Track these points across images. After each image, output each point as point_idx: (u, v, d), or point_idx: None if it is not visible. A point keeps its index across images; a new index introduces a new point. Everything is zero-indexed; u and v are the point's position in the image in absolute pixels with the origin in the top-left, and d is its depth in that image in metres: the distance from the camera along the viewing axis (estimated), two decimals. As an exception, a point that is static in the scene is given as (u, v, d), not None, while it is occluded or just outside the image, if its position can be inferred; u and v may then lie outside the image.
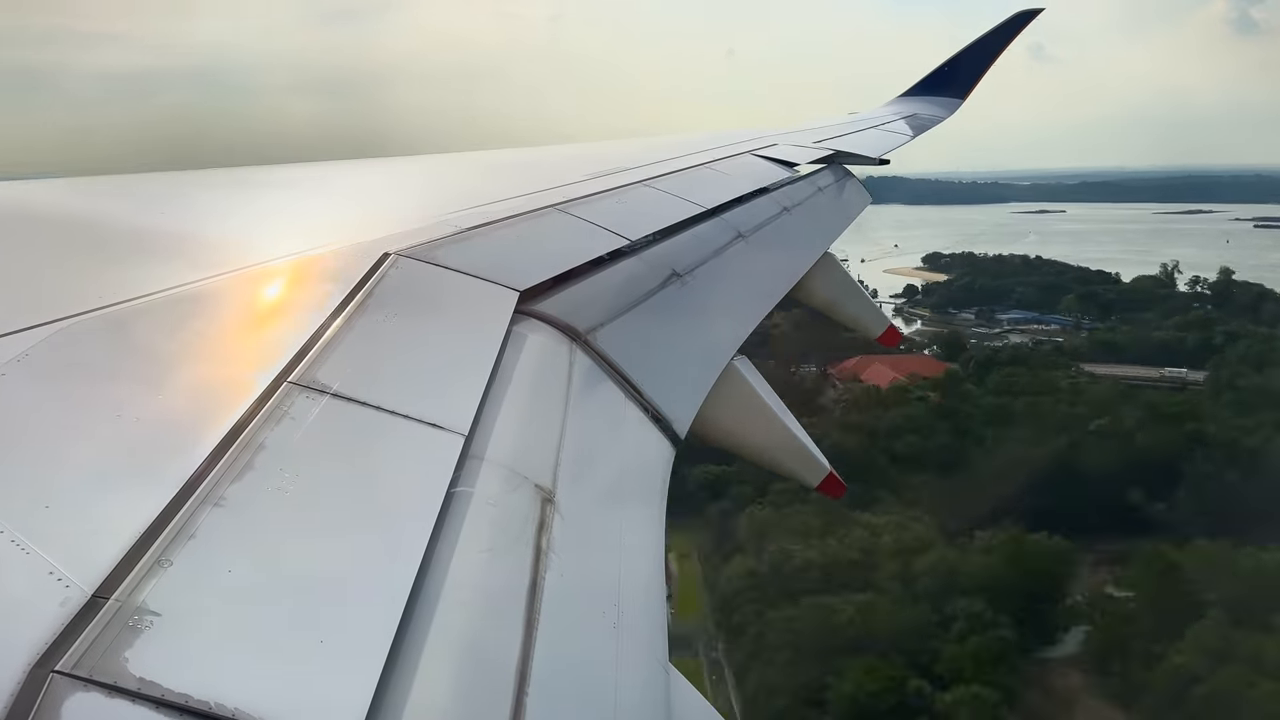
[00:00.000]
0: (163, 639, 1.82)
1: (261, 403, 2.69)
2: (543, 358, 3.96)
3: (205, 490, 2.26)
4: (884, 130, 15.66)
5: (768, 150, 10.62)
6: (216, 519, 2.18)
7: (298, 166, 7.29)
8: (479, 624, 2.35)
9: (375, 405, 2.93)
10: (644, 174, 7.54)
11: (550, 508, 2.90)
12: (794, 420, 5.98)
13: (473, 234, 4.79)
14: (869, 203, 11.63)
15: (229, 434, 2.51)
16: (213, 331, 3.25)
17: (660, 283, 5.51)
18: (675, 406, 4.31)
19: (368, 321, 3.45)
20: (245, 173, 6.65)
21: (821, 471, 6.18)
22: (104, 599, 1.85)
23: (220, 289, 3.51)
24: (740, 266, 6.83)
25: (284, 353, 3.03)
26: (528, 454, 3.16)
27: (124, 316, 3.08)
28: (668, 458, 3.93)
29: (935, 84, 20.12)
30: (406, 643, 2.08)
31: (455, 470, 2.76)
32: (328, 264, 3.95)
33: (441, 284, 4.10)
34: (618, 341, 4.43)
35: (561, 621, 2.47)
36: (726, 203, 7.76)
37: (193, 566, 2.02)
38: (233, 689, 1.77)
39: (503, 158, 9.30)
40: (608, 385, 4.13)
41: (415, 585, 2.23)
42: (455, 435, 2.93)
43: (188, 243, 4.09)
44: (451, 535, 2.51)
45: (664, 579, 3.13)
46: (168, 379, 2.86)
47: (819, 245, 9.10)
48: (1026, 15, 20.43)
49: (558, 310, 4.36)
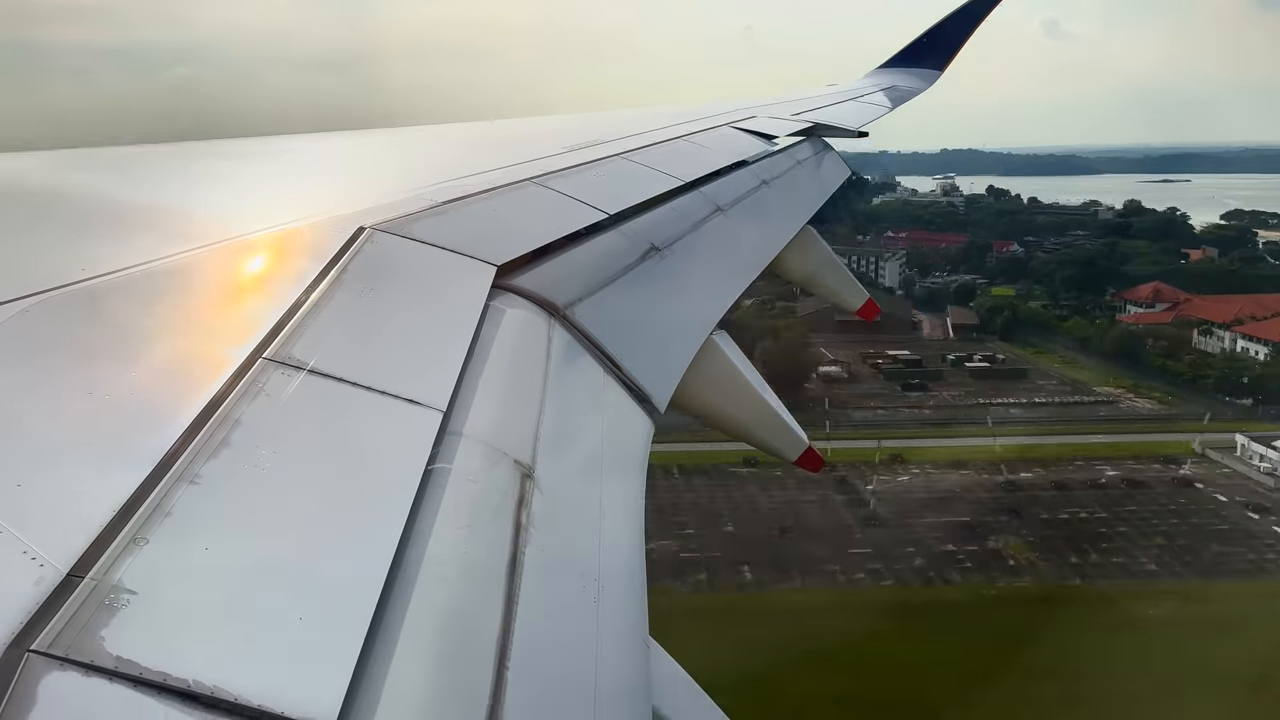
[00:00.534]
0: (139, 618, 1.80)
1: (237, 379, 2.67)
2: (521, 333, 3.94)
3: (181, 467, 2.24)
4: (863, 102, 15.67)
5: (746, 123, 10.60)
6: (192, 496, 2.16)
7: (273, 139, 7.21)
8: (459, 600, 2.34)
9: (352, 381, 2.91)
10: (622, 147, 7.51)
11: (530, 483, 2.90)
12: (773, 395, 6.01)
13: (449, 208, 4.76)
14: (847, 175, 11.64)
15: (204, 410, 2.49)
16: (187, 307, 3.22)
17: (639, 257, 5.50)
18: (654, 381, 4.32)
19: (343, 296, 3.43)
20: (221, 145, 6.58)
21: (800, 446, 6.22)
22: (79, 578, 1.83)
23: (194, 263, 3.47)
24: (719, 240, 6.83)
25: (259, 328, 3.00)
26: (506, 429, 3.15)
27: (98, 291, 3.04)
28: (647, 432, 3.93)
29: (914, 55, 20.14)
30: (386, 619, 2.07)
31: (433, 446, 2.75)
32: (303, 238, 3.92)
33: (418, 258, 4.08)
34: (596, 316, 4.42)
35: (541, 597, 2.47)
36: (705, 176, 7.75)
37: (169, 544, 2.00)
38: (211, 667, 1.76)
39: (479, 131, 9.24)
40: (586, 360, 4.12)
41: (394, 562, 2.22)
42: (433, 411, 2.92)
43: (163, 217, 4.05)
44: (430, 511, 2.50)
45: (644, 553, 3.14)
46: (142, 355, 2.83)
47: (798, 218, 9.11)
48: None
49: (536, 285, 4.35)
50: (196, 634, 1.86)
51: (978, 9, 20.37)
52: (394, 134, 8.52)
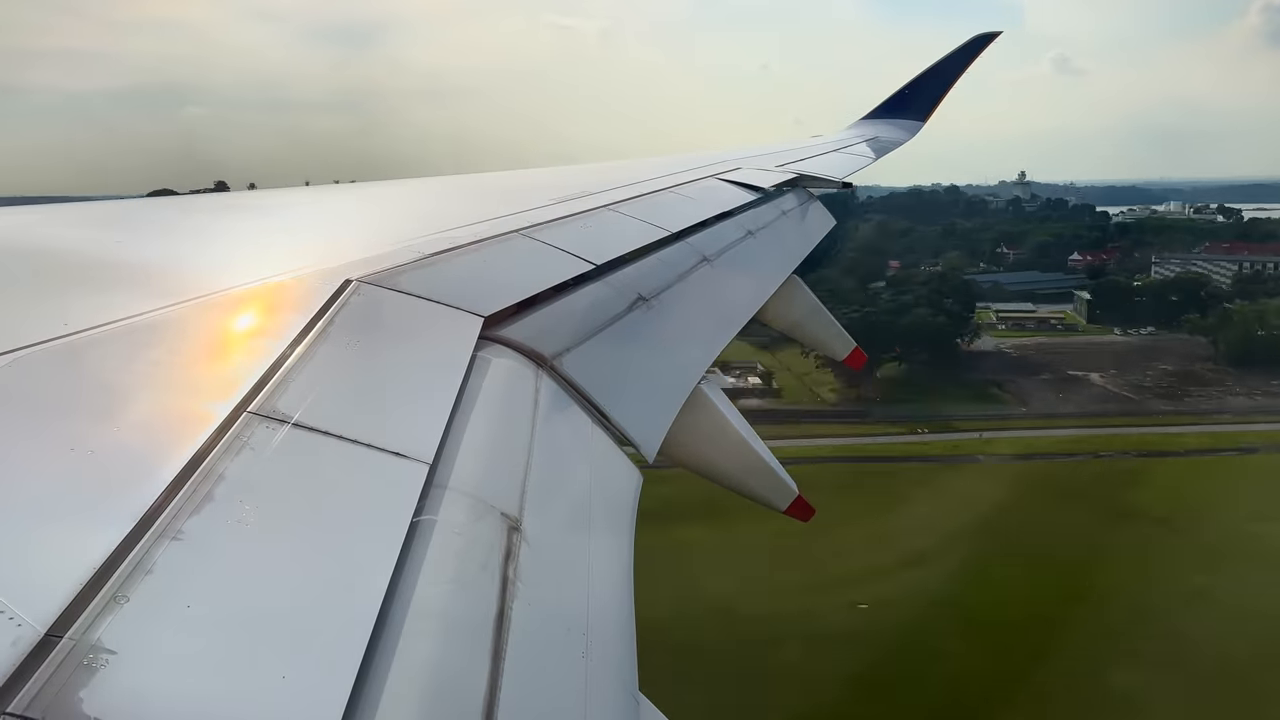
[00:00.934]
0: (119, 678, 1.77)
1: (221, 433, 2.64)
2: (508, 384, 3.93)
3: (163, 523, 2.21)
4: (847, 153, 15.83)
5: (731, 174, 10.69)
6: (175, 553, 2.13)
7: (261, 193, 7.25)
8: (445, 656, 2.31)
9: (337, 434, 2.89)
10: (608, 198, 7.56)
11: (517, 536, 2.87)
12: (761, 444, 5.99)
13: (436, 259, 4.76)
14: (832, 225, 11.73)
15: (188, 465, 2.46)
16: (171, 361, 3.19)
17: (626, 307, 5.51)
18: (643, 431, 4.30)
19: (329, 349, 3.41)
20: (206, 199, 6.62)
21: (790, 495, 6.20)
22: (57, 637, 1.80)
23: (179, 318, 3.46)
24: (706, 290, 6.86)
25: (244, 382, 2.98)
26: (493, 482, 3.13)
27: (81, 346, 3.02)
28: (636, 483, 3.91)
29: (896, 106, 20.39)
30: (371, 676, 2.04)
31: (420, 499, 2.73)
32: (289, 291, 3.91)
33: (404, 310, 4.07)
34: (584, 366, 4.42)
35: (529, 652, 2.44)
36: (691, 227, 7.80)
37: (150, 602, 1.97)
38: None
39: (467, 182, 9.30)
40: (574, 411, 4.11)
41: (380, 617, 2.19)
42: (419, 464, 2.90)
43: (147, 271, 4.03)
44: (416, 566, 2.47)
45: (633, 607, 3.12)
46: (125, 410, 2.80)
47: (784, 268, 9.17)
48: (984, 39, 20.82)
49: (523, 336, 4.34)
50: (177, 694, 1.83)
51: (957, 62, 20.70)
52: (382, 187, 8.57)
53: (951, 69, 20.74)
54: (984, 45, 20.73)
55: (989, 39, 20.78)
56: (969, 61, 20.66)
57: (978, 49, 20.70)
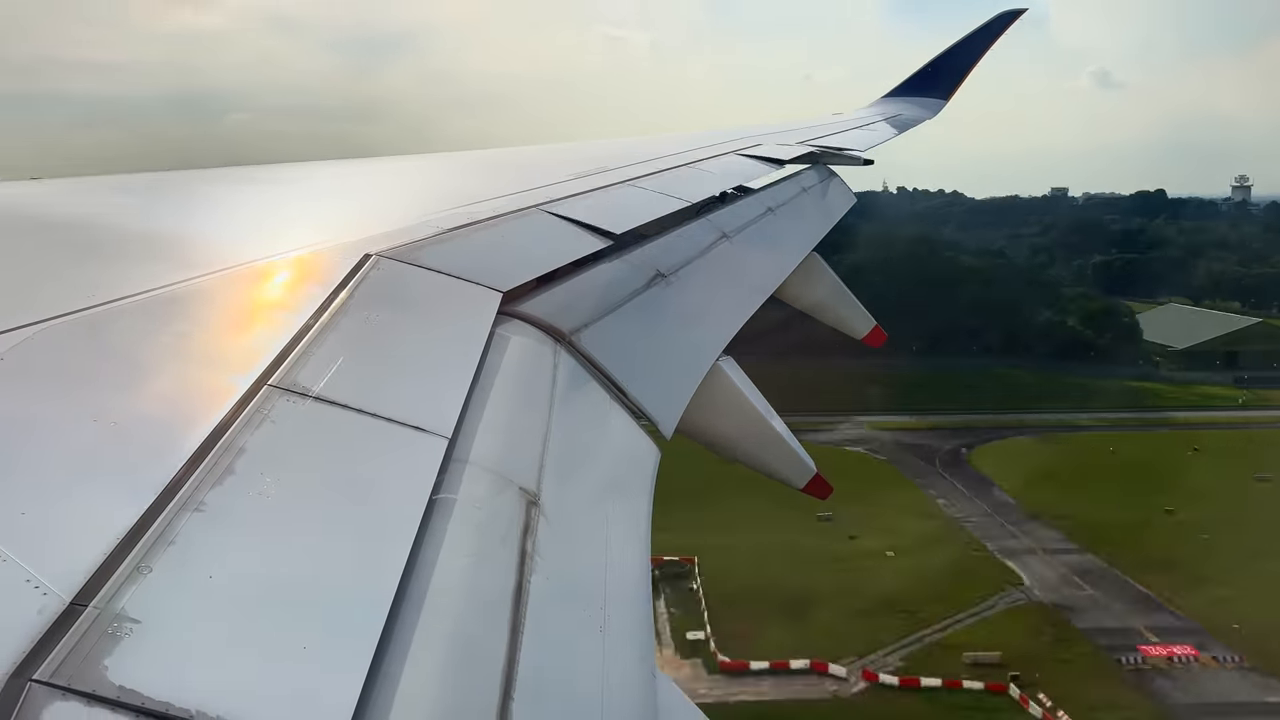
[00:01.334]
0: (143, 646, 1.78)
1: (242, 406, 2.66)
2: (527, 359, 3.94)
3: (185, 495, 2.23)
4: (868, 129, 15.73)
5: (752, 150, 10.63)
6: (196, 524, 2.15)
7: (282, 167, 7.23)
8: (464, 629, 2.32)
9: (357, 408, 2.90)
10: (628, 174, 7.54)
11: (535, 510, 2.88)
12: (780, 421, 5.98)
13: (455, 234, 4.77)
14: (853, 202, 11.65)
15: (209, 438, 2.47)
16: (193, 333, 3.21)
17: (645, 283, 5.50)
18: (660, 407, 4.30)
19: (349, 323, 3.42)
20: (228, 173, 6.60)
21: (808, 473, 6.20)
22: (82, 606, 1.81)
23: (200, 290, 3.47)
24: (725, 266, 6.83)
25: (264, 355, 3.00)
26: (512, 457, 3.14)
27: (104, 318, 3.04)
28: (653, 459, 3.91)
29: (919, 85, 20.23)
30: (391, 648, 2.05)
31: (439, 474, 2.74)
32: (309, 265, 3.93)
33: (424, 285, 4.08)
34: (602, 342, 4.41)
35: (547, 625, 2.44)
36: (711, 202, 7.77)
37: (173, 573, 1.98)
38: (214, 697, 1.74)
39: (486, 157, 9.28)
40: (592, 386, 4.11)
41: (399, 590, 2.20)
42: (438, 438, 2.91)
43: (169, 244, 4.05)
44: (435, 539, 2.48)
45: (650, 581, 3.12)
46: (147, 382, 2.82)
47: (804, 245, 9.12)
48: (1010, 15, 20.58)
49: (542, 311, 4.34)
50: (200, 663, 1.84)
51: (980, 41, 20.48)
52: (402, 161, 8.55)
53: (975, 47, 20.54)
54: (1008, 23, 20.51)
55: (1013, 16, 20.56)
56: (992, 40, 20.45)
57: (1001, 27, 20.49)
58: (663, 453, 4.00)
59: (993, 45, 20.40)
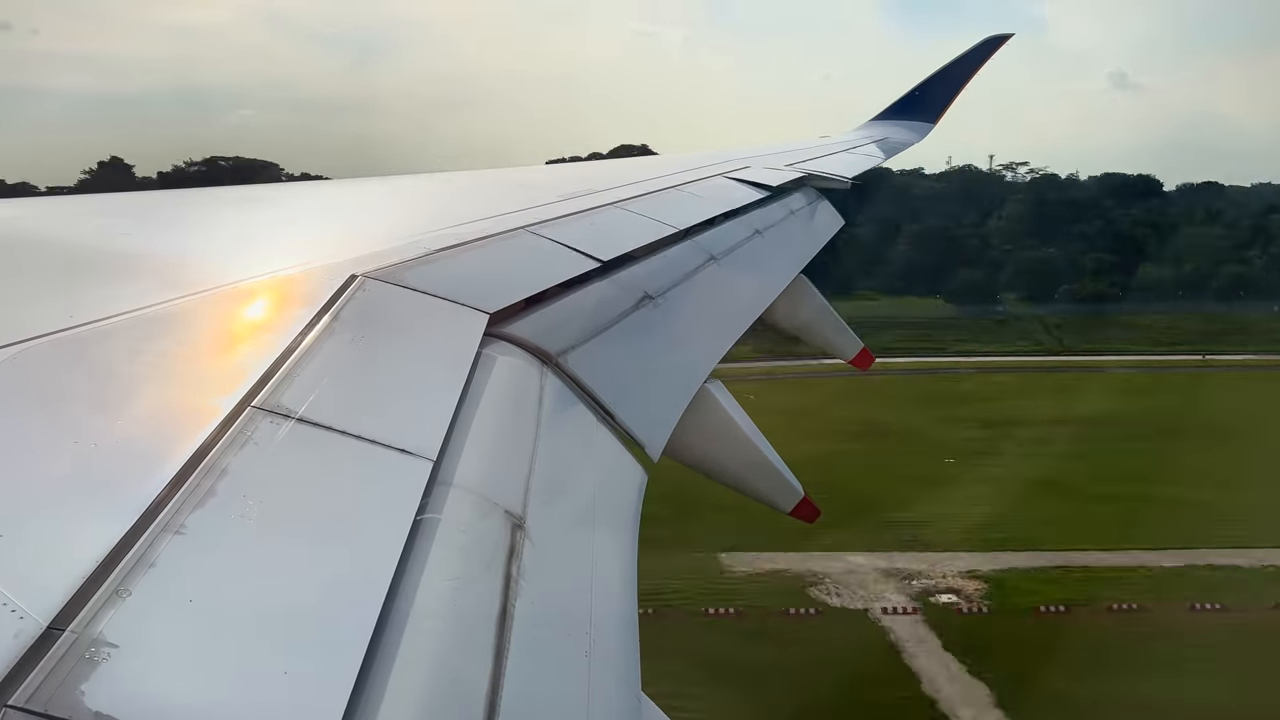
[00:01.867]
0: (121, 671, 1.75)
1: (225, 427, 2.63)
2: (513, 381, 3.92)
3: (166, 517, 2.20)
4: (856, 153, 15.82)
5: (740, 173, 10.67)
6: (177, 547, 2.12)
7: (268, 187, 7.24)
8: (447, 654, 2.29)
9: (341, 430, 2.88)
10: (616, 196, 7.55)
11: (521, 534, 2.86)
12: (767, 444, 5.98)
13: (442, 255, 4.75)
14: (840, 225, 11.71)
15: (191, 459, 2.45)
16: (176, 354, 3.18)
17: (633, 305, 5.50)
18: (648, 430, 4.29)
19: (334, 345, 3.40)
20: (213, 193, 6.60)
21: (795, 496, 6.19)
22: (59, 630, 1.78)
23: (184, 311, 3.45)
24: (713, 289, 6.85)
25: (248, 376, 2.97)
26: (498, 479, 3.12)
27: (86, 338, 3.01)
28: (640, 482, 3.90)
29: (907, 108, 20.38)
30: (373, 674, 2.02)
31: (423, 496, 2.71)
32: (295, 286, 3.90)
33: (410, 306, 4.06)
34: (589, 364, 4.40)
35: (532, 651, 2.42)
36: (698, 225, 7.78)
37: (152, 596, 1.95)
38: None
39: (473, 179, 9.28)
40: (579, 409, 4.10)
41: (382, 615, 2.18)
42: (423, 460, 2.88)
43: (153, 264, 4.03)
44: (419, 563, 2.46)
45: (636, 605, 3.10)
46: (129, 402, 2.79)
47: (791, 268, 9.15)
48: (996, 40, 20.78)
49: (529, 333, 4.33)
50: (179, 689, 1.81)
51: (969, 64, 20.66)
52: (389, 182, 8.56)
53: (963, 71, 20.71)
54: (995, 47, 20.70)
55: (1000, 41, 20.76)
56: (980, 63, 20.63)
57: (989, 51, 20.67)
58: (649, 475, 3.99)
59: (980, 69, 20.59)
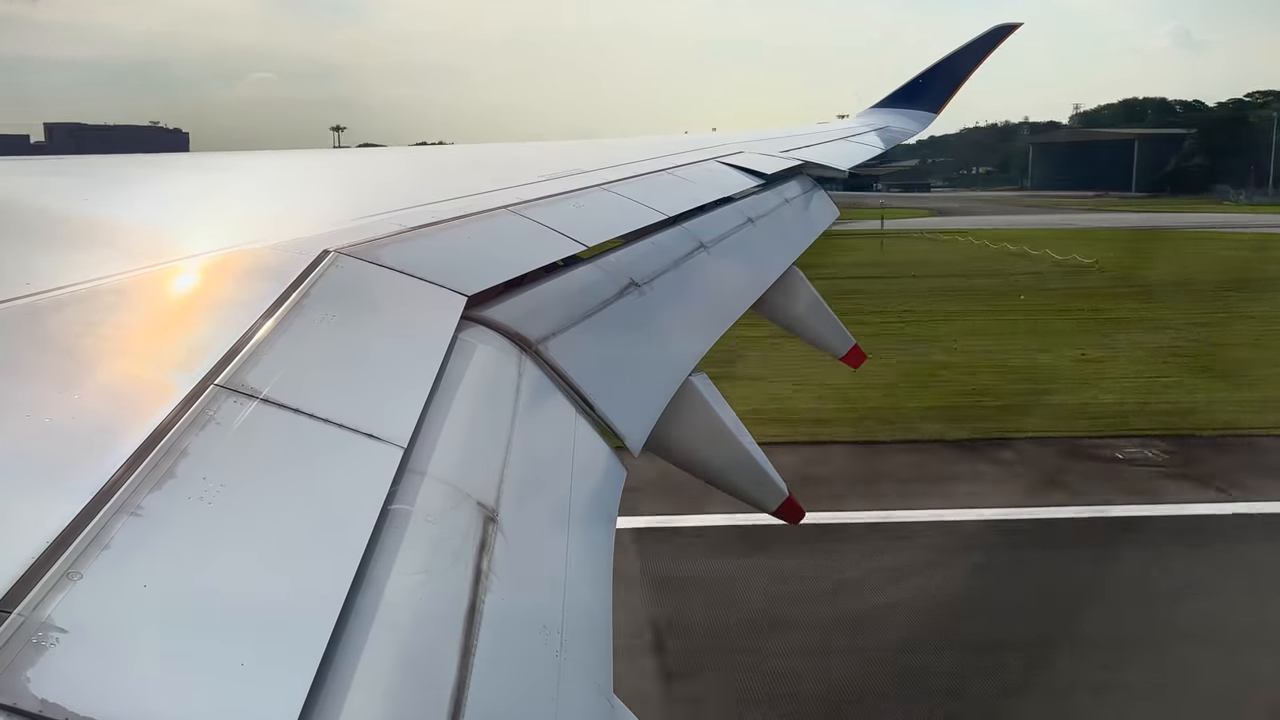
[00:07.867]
0: (69, 657, 1.67)
1: (185, 406, 2.53)
2: (490, 367, 3.82)
3: (121, 498, 2.11)
4: (854, 142, 15.77)
5: (733, 158, 10.58)
6: (132, 529, 2.03)
7: (239, 155, 7.13)
8: (413, 649, 2.22)
9: (308, 412, 2.78)
10: (603, 177, 7.45)
11: (492, 527, 2.77)
12: (752, 441, 5.90)
13: (420, 233, 4.64)
14: (836, 215, 11.63)
15: (149, 439, 2.35)
16: (135, 328, 3.08)
17: (617, 292, 5.40)
18: (629, 423, 4.20)
19: (303, 323, 3.29)
20: (181, 159, 6.49)
21: (780, 495, 6.12)
22: (5, 613, 1.70)
23: (146, 282, 3.34)
24: (702, 278, 6.75)
25: (211, 353, 2.86)
26: (470, 469, 3.03)
27: (39, 309, 2.91)
28: (619, 477, 3.81)
29: (909, 96, 20.32)
30: (335, 667, 1.94)
31: (392, 485, 2.62)
32: (263, 260, 3.78)
33: (384, 285, 3.95)
34: (570, 352, 4.30)
35: (501, 648, 2.35)
36: (689, 211, 7.69)
37: (104, 580, 1.87)
38: (144, 713, 1.65)
39: (454, 155, 9.19)
40: (558, 398, 4.00)
41: (345, 606, 2.10)
42: (393, 447, 2.79)
43: (117, 232, 3.91)
44: (387, 554, 2.38)
45: (610, 604, 3.02)
46: (84, 378, 2.69)
47: (784, 259, 9.07)
48: (1004, 30, 20.69)
49: (508, 317, 4.23)
50: (129, 677, 1.73)
51: (974, 54, 20.54)
52: (366, 154, 8.46)
53: (968, 61, 20.63)
54: (1003, 37, 20.61)
55: (1008, 30, 20.65)
56: (985, 54, 20.55)
57: (996, 40, 20.58)
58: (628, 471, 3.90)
59: (985, 59, 20.47)
